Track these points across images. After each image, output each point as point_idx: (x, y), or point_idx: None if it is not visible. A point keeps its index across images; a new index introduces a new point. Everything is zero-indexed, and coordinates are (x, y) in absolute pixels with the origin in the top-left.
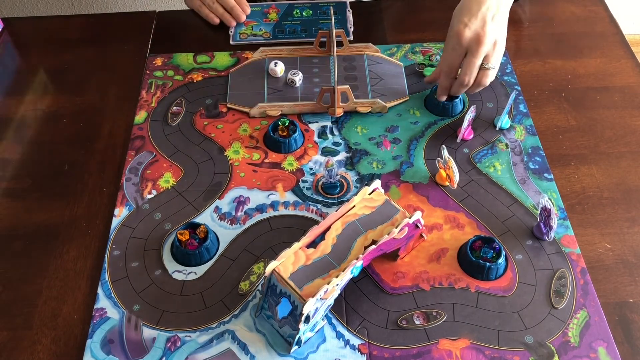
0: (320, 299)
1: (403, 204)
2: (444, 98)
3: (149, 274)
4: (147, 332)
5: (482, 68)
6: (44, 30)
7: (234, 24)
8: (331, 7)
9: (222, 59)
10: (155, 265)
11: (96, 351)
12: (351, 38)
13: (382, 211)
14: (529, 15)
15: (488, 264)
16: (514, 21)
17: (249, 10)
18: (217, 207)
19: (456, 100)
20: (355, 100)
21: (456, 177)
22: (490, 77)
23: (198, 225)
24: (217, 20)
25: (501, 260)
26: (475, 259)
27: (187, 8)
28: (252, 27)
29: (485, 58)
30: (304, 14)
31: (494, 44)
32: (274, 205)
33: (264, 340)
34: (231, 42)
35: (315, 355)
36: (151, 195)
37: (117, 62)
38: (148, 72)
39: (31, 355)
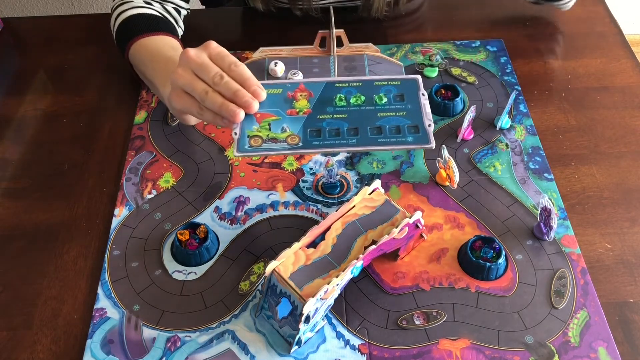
0: (320, 299)
1: (403, 204)
2: None
3: (149, 274)
4: (147, 332)
5: None
6: (44, 30)
7: (239, 118)
8: (331, 7)
9: None
10: (155, 265)
11: (96, 351)
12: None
13: (382, 211)
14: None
15: (488, 264)
16: (514, 21)
17: (264, 95)
18: (217, 207)
19: (457, 99)
20: None
21: (456, 177)
22: None
23: (198, 225)
24: (220, 122)
25: (501, 260)
26: (475, 259)
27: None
28: (268, 124)
29: None
30: (351, 101)
31: None
32: (274, 205)
33: (264, 340)
34: (235, 154)
35: (315, 355)
36: (151, 195)
37: (117, 62)
38: None
39: (31, 355)
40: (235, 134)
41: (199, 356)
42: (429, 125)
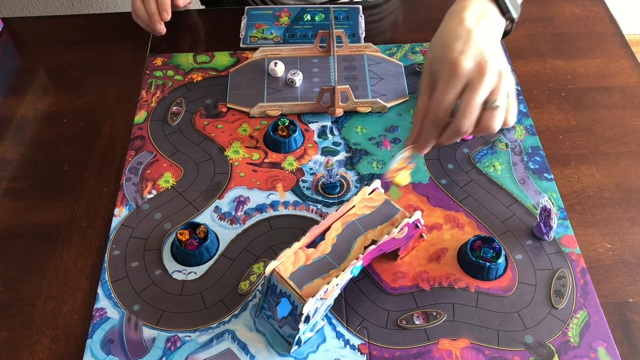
0: (320, 299)
1: (403, 204)
2: (425, 151)
3: (149, 274)
4: (147, 332)
5: (487, 108)
6: (44, 30)
7: (159, 31)
8: (331, 7)
9: (222, 59)
10: (155, 265)
11: (96, 351)
12: (362, 43)
13: (382, 211)
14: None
15: (488, 264)
16: None
17: (168, 17)
18: (217, 207)
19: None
20: (355, 100)
21: (404, 181)
22: (498, 119)
23: (198, 225)
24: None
25: (501, 260)
26: (475, 259)
27: (186, 8)
28: (263, 30)
29: (491, 95)
30: (316, 18)
31: (500, 75)
32: (274, 205)
33: (264, 340)
34: (241, 45)
35: (315, 355)
36: (151, 195)
37: (117, 62)
38: (148, 72)
39: (31, 355)
40: (242, 34)
41: (199, 356)
42: None
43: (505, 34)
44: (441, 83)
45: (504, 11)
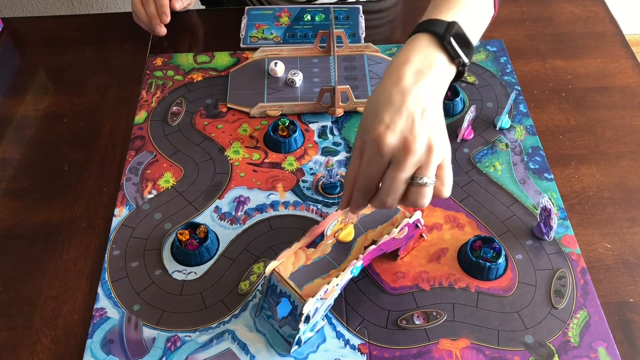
0: (320, 299)
1: None
2: (358, 214)
3: (149, 274)
4: (147, 332)
5: (414, 184)
6: (44, 30)
7: (160, 32)
8: (331, 7)
9: (222, 59)
10: (155, 265)
11: (96, 351)
12: (362, 43)
13: (382, 211)
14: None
15: (488, 264)
16: (514, 21)
17: (167, 19)
18: (217, 207)
19: (457, 99)
20: (355, 100)
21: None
22: (427, 195)
23: (198, 225)
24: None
25: (501, 260)
26: (475, 259)
27: (186, 9)
28: (263, 30)
29: (418, 171)
30: (316, 18)
31: (429, 149)
32: (274, 205)
33: (264, 340)
34: (241, 45)
35: (315, 355)
36: (151, 195)
37: (117, 62)
38: (148, 72)
39: (31, 355)
40: (242, 35)
41: (199, 356)
42: None
43: (459, 75)
44: (366, 157)
45: (453, 57)
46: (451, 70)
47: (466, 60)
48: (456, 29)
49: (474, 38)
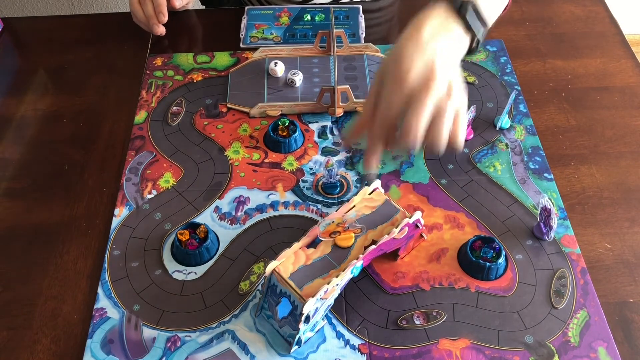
0: (320, 299)
1: (403, 204)
2: (374, 166)
3: (149, 274)
4: (147, 332)
5: (434, 122)
6: (44, 30)
7: (158, 32)
8: (331, 7)
9: (222, 59)
10: (155, 265)
11: (96, 351)
12: (362, 43)
13: (382, 211)
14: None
15: (488, 264)
16: (514, 21)
17: (165, 19)
18: (217, 207)
19: None
20: (355, 100)
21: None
22: (444, 130)
23: (198, 225)
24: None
25: (501, 260)
26: (475, 259)
27: (185, 8)
28: (263, 30)
29: (436, 110)
30: (316, 18)
31: (449, 91)
32: (274, 205)
33: (264, 340)
34: (241, 45)
35: (315, 355)
36: (151, 195)
37: (117, 62)
38: (148, 72)
39: (31, 355)
40: (242, 35)
41: (199, 356)
42: None
43: (470, 52)
44: (386, 91)
45: (468, 28)
46: (465, 41)
47: (479, 35)
48: (472, 4)
49: (489, 18)
